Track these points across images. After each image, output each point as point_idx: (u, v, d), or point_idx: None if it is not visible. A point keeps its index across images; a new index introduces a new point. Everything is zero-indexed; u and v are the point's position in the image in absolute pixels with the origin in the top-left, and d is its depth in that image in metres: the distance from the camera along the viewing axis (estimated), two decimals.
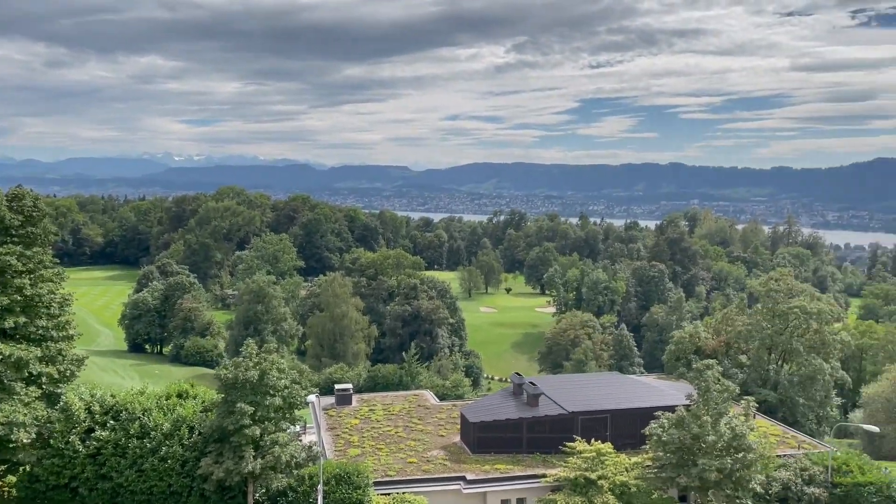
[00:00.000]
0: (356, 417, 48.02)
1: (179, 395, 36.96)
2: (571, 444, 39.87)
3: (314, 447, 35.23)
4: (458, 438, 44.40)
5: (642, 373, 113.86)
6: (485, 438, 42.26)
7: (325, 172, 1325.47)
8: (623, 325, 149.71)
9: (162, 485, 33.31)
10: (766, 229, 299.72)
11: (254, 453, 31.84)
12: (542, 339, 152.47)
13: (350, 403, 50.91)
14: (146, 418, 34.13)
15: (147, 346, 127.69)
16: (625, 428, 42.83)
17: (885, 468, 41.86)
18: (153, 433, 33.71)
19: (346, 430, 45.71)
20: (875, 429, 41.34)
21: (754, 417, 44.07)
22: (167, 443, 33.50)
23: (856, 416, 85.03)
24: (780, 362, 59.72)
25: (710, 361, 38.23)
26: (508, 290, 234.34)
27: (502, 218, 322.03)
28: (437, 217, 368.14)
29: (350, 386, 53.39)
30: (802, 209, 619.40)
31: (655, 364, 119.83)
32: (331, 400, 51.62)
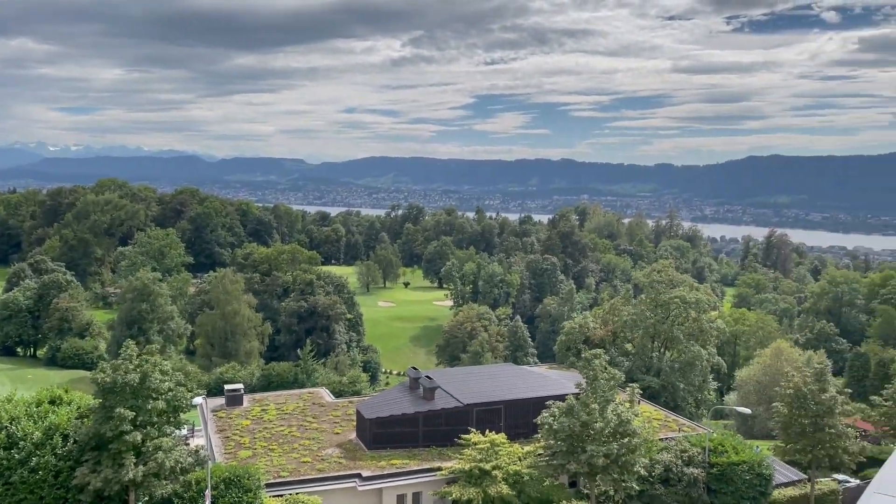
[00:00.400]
0: (247, 418, 46.57)
1: (52, 402, 34.55)
2: (466, 436, 40.32)
3: (202, 451, 33.85)
4: (354, 436, 43.95)
5: (536, 363, 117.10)
6: (381, 434, 42.04)
7: (216, 164, 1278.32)
8: (518, 317, 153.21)
9: (33, 498, 31.04)
10: (650, 223, 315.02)
11: (135, 460, 30.21)
12: (440, 332, 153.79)
13: (241, 404, 49.31)
14: (14, 427, 31.68)
15: (19, 349, 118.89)
16: (518, 418, 43.78)
17: (757, 447, 44.90)
18: (22, 443, 31.33)
19: (237, 431, 44.24)
20: (747, 410, 44.20)
21: (639, 403, 46.10)
22: (38, 453, 31.23)
23: (730, 398, 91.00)
24: (662, 350, 62.89)
25: (598, 351, 39.61)
26: (407, 285, 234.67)
27: (400, 212, 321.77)
28: (334, 211, 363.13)
29: (241, 386, 51.68)
30: (683, 204, 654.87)
31: (549, 354, 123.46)
32: (220, 401, 49.82)
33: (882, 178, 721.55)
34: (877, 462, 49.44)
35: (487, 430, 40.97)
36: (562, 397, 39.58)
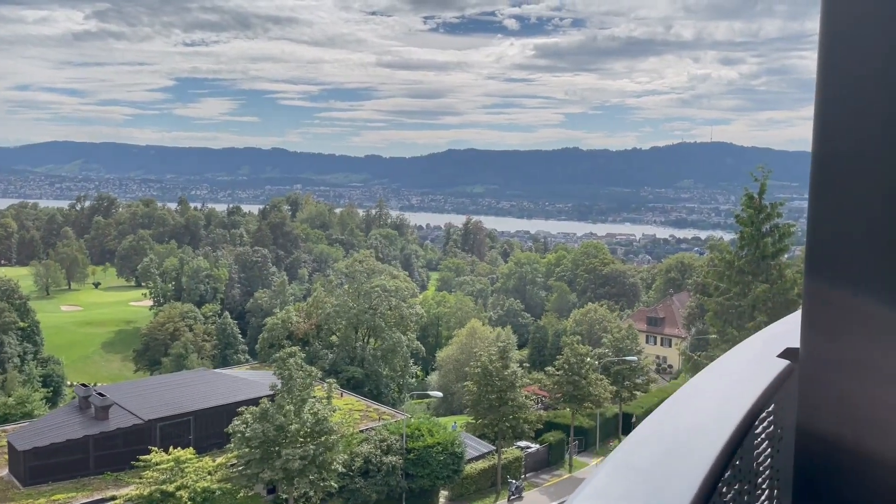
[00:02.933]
0: None
1: None
2: (146, 456, 35.93)
3: None
4: (5, 471, 36.76)
5: (247, 360, 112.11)
6: (39, 467, 35.68)
7: None
8: (227, 314, 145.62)
9: None
10: (362, 212, 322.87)
11: None
12: (137, 335, 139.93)
13: None
14: None
15: None
16: (210, 428, 40.40)
17: (454, 423, 47.13)
18: None
19: None
20: (438, 394, 46.17)
21: (341, 396, 45.57)
22: None
23: (433, 378, 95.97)
24: (366, 339, 63.49)
25: (294, 349, 38.00)
26: (97, 285, 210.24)
27: (88, 204, 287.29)
28: (3, 203, 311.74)
29: None
30: (392, 194, 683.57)
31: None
32: None
33: (556, 169, 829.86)
34: (553, 426, 55.27)
35: (173, 447, 36.99)
36: (256, 401, 37.20)
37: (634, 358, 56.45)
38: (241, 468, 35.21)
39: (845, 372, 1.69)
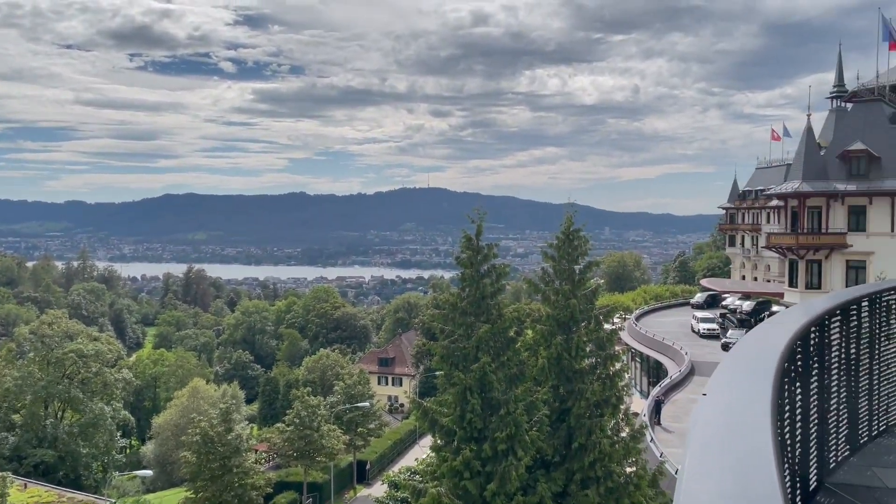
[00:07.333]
0: None
1: None
2: None
3: None
4: None
5: None
6: None
7: None
8: None
9: None
10: (60, 265, 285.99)
11: None
12: None
13: None
14: None
15: None
16: None
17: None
18: None
19: None
20: (147, 473, 40.42)
21: (25, 488, 37.68)
22: None
23: (149, 448, 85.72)
24: (59, 414, 54.12)
25: None
26: None
27: None
28: None
29: None
30: (99, 243, 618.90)
31: None
32: None
33: (284, 214, 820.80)
34: (285, 485, 51.65)
35: None
36: None
37: (367, 403, 55.50)
38: None
39: None
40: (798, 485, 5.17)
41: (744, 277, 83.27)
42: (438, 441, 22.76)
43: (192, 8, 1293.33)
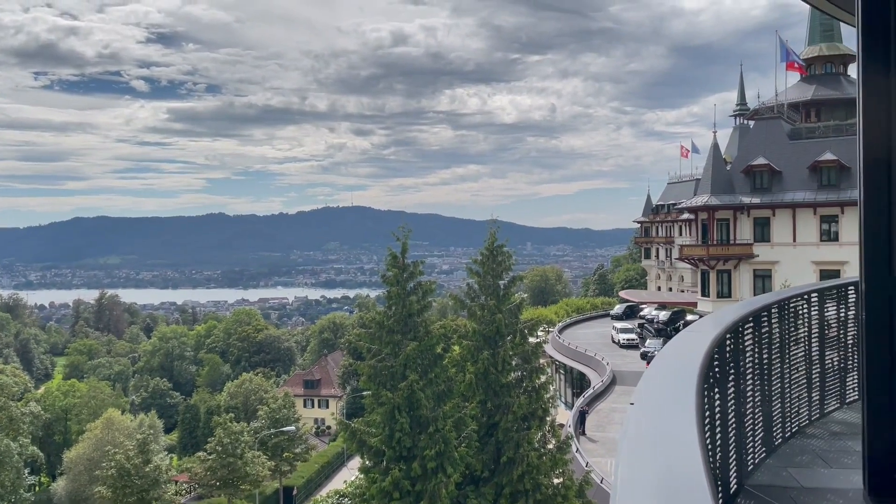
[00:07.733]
0: None
1: None
2: None
3: None
4: None
5: None
6: None
7: None
8: None
9: None
10: None
11: None
12: None
13: None
14: None
15: None
16: None
17: None
18: None
19: None
20: None
21: None
22: None
23: (60, 484, 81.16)
24: None
25: None
26: None
27: None
28: None
29: None
30: (3, 270, 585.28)
31: None
32: None
33: (202, 236, 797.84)
34: None
35: None
36: None
37: (292, 427, 54.37)
38: None
39: None
40: (720, 488, 5.39)
41: (660, 288, 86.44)
42: (367, 462, 22.56)
43: (101, 25, 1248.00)
